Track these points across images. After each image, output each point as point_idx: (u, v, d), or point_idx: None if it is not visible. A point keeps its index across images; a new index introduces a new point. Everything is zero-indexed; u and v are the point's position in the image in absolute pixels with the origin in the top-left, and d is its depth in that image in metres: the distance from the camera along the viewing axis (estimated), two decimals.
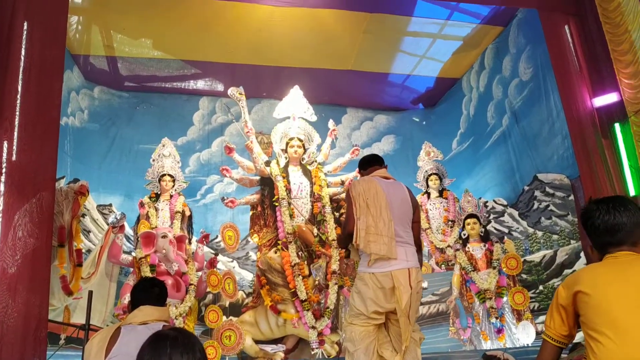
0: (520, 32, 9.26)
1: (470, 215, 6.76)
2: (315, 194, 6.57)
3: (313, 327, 5.95)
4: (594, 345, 1.85)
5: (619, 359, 1.78)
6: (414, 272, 3.48)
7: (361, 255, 3.60)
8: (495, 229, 9.09)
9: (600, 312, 1.86)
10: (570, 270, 7.68)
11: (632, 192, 6.58)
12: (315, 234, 6.31)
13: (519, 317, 6.29)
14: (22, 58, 4.77)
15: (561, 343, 2.05)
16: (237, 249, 6.79)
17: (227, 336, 5.71)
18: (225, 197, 6.74)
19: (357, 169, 4.07)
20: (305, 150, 6.74)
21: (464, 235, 6.76)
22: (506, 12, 9.33)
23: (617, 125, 6.88)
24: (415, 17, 9.52)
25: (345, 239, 3.68)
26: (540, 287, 8.10)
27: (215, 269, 6.27)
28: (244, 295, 9.10)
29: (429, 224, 8.52)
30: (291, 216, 6.35)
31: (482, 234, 6.71)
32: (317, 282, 6.19)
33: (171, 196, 6.54)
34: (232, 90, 6.67)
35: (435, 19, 9.55)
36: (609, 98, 6.92)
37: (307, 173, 6.68)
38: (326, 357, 6.08)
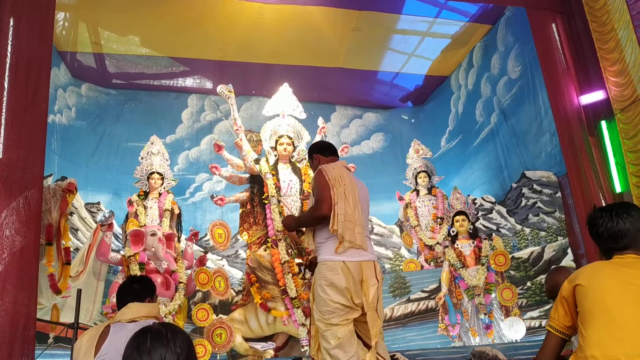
0: (508, 30, 9.31)
1: (459, 213, 6.80)
2: (305, 191, 6.56)
3: (303, 325, 5.95)
4: (584, 331, 1.92)
5: (607, 343, 1.84)
6: (377, 265, 3.42)
7: (323, 242, 3.37)
8: (483, 226, 9.15)
9: (596, 301, 1.93)
10: (552, 269, 7.75)
11: (618, 189, 6.65)
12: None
13: (507, 313, 6.35)
14: (9, 55, 4.71)
15: (564, 334, 2.11)
16: (227, 247, 6.79)
17: (218, 334, 5.72)
18: (215, 195, 6.73)
19: (314, 153, 3.75)
20: (294, 147, 6.73)
21: (453, 232, 6.80)
22: (494, 10, 9.38)
23: (603, 123, 6.95)
24: (403, 14, 9.54)
25: (314, 221, 3.41)
26: (528, 284, 8.17)
27: (204, 267, 6.26)
28: (234, 293, 9.08)
29: (417, 221, 8.57)
30: (281, 214, 6.35)
31: (471, 231, 6.76)
32: (307, 280, 6.20)
33: (160, 194, 6.51)
34: (221, 88, 6.65)
35: (423, 17, 9.58)
36: (595, 96, 6.98)
37: (296, 170, 6.68)
38: None
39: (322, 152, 3.75)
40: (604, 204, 6.54)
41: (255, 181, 6.70)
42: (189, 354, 1.65)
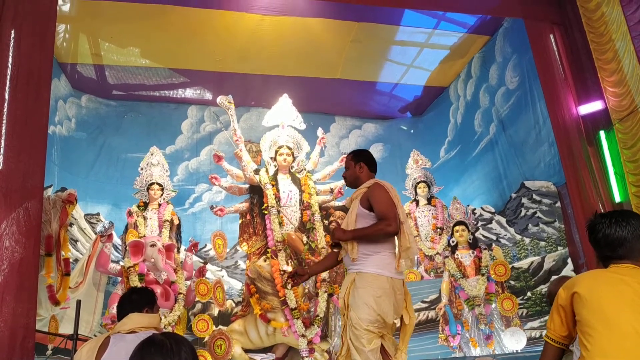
0: (506, 41, 9.36)
1: (459, 223, 6.80)
2: (305, 201, 6.58)
3: (303, 336, 5.94)
4: (585, 341, 1.90)
5: (610, 352, 1.83)
6: None
7: (370, 255, 3.34)
8: (483, 236, 9.14)
9: (594, 309, 1.91)
10: (557, 277, 7.73)
11: (617, 199, 6.66)
12: (305, 242, 6.32)
13: (507, 323, 6.33)
14: (10, 66, 4.75)
15: (561, 344, 2.09)
16: (224, 257, 6.80)
17: (218, 345, 5.71)
18: (214, 206, 6.75)
19: (361, 160, 3.67)
20: (294, 158, 6.75)
21: (453, 242, 6.79)
22: (492, 22, 9.44)
23: (602, 133, 6.97)
24: (402, 26, 9.60)
25: (383, 236, 3.34)
26: (529, 294, 8.14)
27: (204, 278, 6.26)
28: (233, 304, 9.06)
29: (417, 231, 8.56)
30: (280, 224, 6.35)
31: (471, 241, 6.76)
32: (306, 291, 6.19)
33: (159, 205, 6.52)
34: (221, 99, 6.68)
35: (422, 28, 9.63)
36: (594, 106, 7.01)
37: (296, 181, 6.69)
38: None
39: (369, 164, 3.70)
40: None
41: (255, 192, 6.71)
42: None
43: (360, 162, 3.68)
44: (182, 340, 1.69)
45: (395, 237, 3.41)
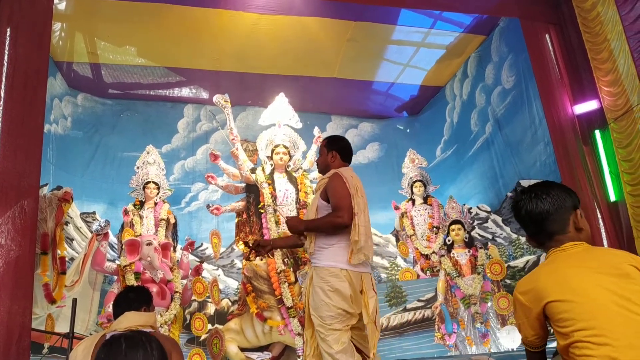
0: (502, 41, 9.39)
1: (455, 222, 6.83)
2: (301, 200, 6.58)
3: (299, 334, 5.94)
4: (587, 351, 1.68)
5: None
6: (372, 277, 3.39)
7: (325, 248, 3.28)
8: (479, 235, 9.16)
9: (586, 317, 1.69)
10: None
11: (612, 198, 6.69)
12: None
13: (503, 322, 6.36)
14: (5, 64, 4.73)
15: (540, 347, 1.99)
16: (219, 256, 6.81)
17: (214, 344, 5.73)
18: (211, 205, 6.74)
19: (334, 148, 3.56)
20: (290, 157, 6.75)
21: (449, 241, 6.82)
22: (488, 21, 9.46)
23: (597, 132, 7.00)
24: (399, 25, 9.61)
25: (332, 228, 3.25)
26: None
27: (200, 277, 6.26)
28: (230, 303, 9.06)
29: (413, 230, 8.57)
30: (277, 223, 6.36)
31: (467, 240, 6.79)
32: (303, 289, 6.19)
33: (156, 204, 6.52)
34: (217, 98, 6.68)
35: (418, 28, 9.64)
36: (589, 105, 7.03)
37: (292, 180, 6.69)
38: None
39: (342, 152, 3.56)
40: (598, 213, 6.59)
41: (251, 190, 6.71)
42: (160, 356, 1.65)
43: (333, 151, 3.56)
44: (150, 335, 1.69)
45: None
